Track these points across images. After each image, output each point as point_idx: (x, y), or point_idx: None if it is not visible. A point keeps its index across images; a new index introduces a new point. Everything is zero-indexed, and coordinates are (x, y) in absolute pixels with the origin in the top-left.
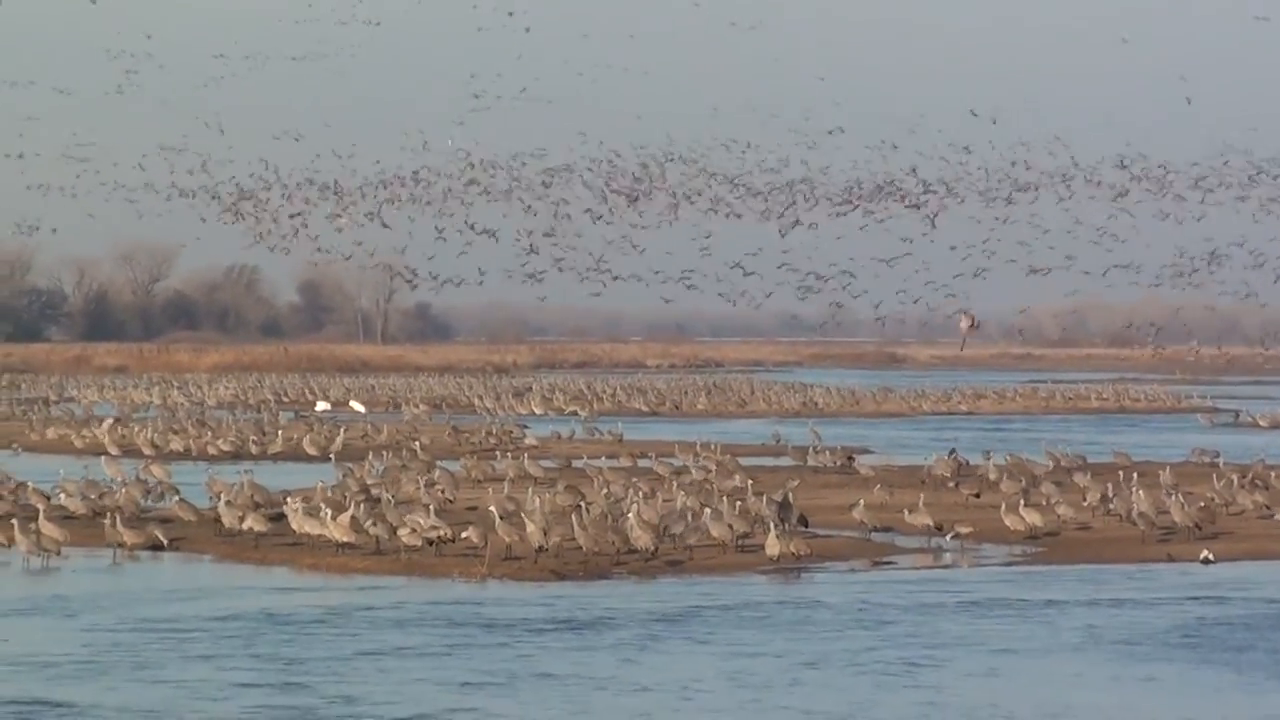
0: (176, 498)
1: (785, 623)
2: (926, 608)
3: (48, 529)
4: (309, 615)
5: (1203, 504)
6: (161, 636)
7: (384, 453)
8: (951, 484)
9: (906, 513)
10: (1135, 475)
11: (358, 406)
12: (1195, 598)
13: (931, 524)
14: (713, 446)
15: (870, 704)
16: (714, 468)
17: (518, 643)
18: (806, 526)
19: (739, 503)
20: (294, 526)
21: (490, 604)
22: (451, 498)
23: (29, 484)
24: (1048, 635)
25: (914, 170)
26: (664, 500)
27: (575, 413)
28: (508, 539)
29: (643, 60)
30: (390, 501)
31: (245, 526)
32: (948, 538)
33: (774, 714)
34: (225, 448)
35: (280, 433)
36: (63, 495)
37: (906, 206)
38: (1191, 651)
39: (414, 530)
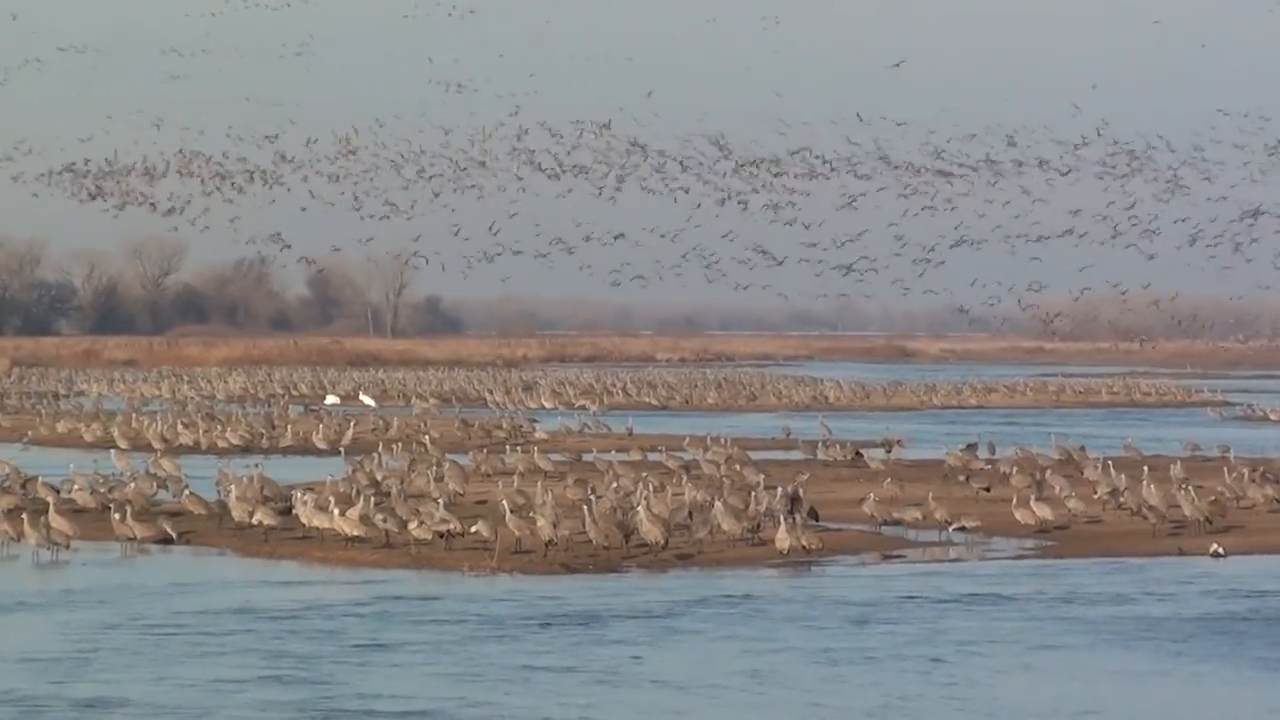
0: (186, 491)
1: (800, 617)
2: (940, 602)
3: (57, 522)
4: (318, 609)
5: (1213, 498)
6: (170, 631)
7: (395, 446)
8: (962, 477)
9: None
10: (1146, 468)
11: (367, 400)
12: (1207, 591)
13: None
14: (723, 440)
15: (905, 700)
16: (724, 462)
17: (528, 636)
18: (817, 520)
19: (764, 493)
20: (303, 520)
21: (500, 598)
22: (461, 491)
23: (38, 478)
24: (1067, 630)
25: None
26: (674, 494)
27: (584, 407)
28: (518, 533)
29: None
30: (400, 495)
31: (255, 520)
32: (952, 529)
33: (807, 711)
34: (235, 441)
35: (290, 426)
36: (73, 489)
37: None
38: (1206, 644)
39: (423, 524)
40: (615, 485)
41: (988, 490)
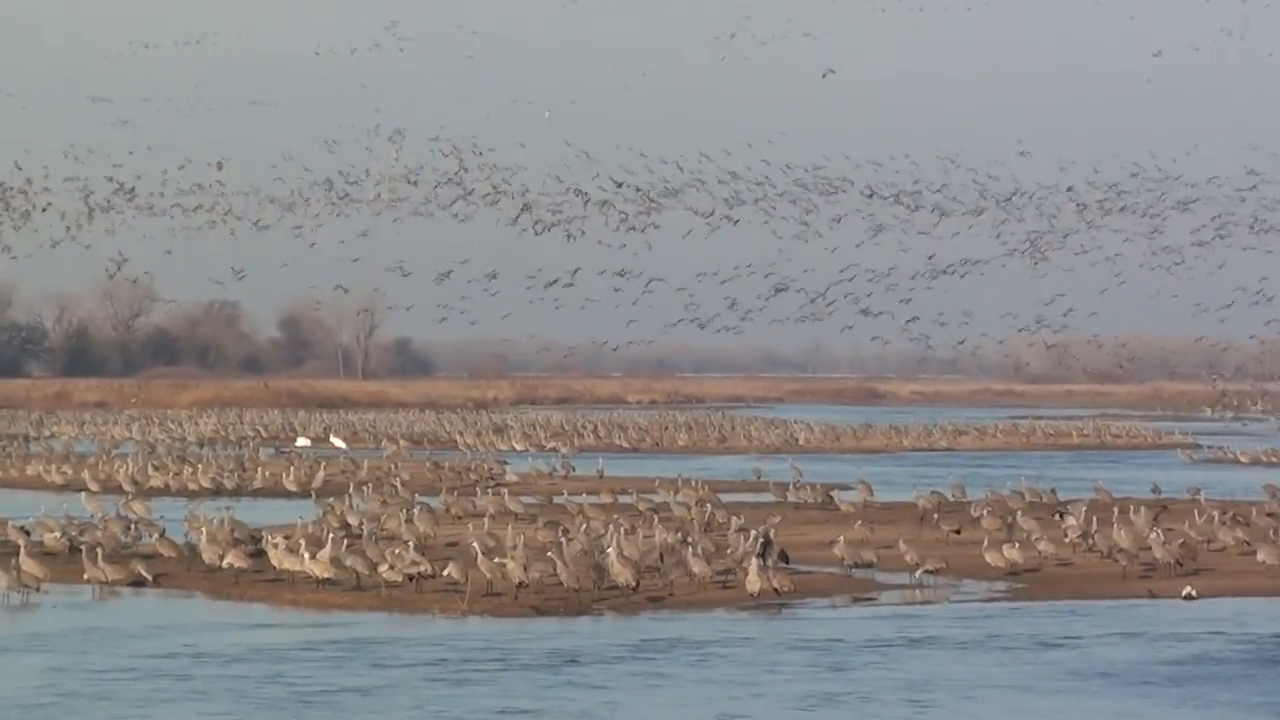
0: (157, 535)
1: (775, 661)
2: (914, 645)
3: (28, 565)
4: (288, 652)
5: (1180, 540)
6: (140, 674)
7: (365, 488)
8: (935, 518)
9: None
10: (1117, 510)
11: (338, 442)
12: (1183, 634)
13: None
14: (694, 483)
15: None
16: (695, 505)
17: (500, 680)
18: (787, 562)
19: (736, 535)
20: (274, 563)
21: (471, 640)
22: (431, 533)
23: (8, 520)
24: (1047, 673)
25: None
26: (645, 536)
27: (555, 449)
28: (489, 575)
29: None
30: (372, 537)
31: (225, 563)
32: (919, 573)
33: None
34: (205, 484)
35: (260, 468)
36: (44, 532)
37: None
38: (1179, 689)
39: (393, 566)
40: (585, 527)
41: (958, 533)
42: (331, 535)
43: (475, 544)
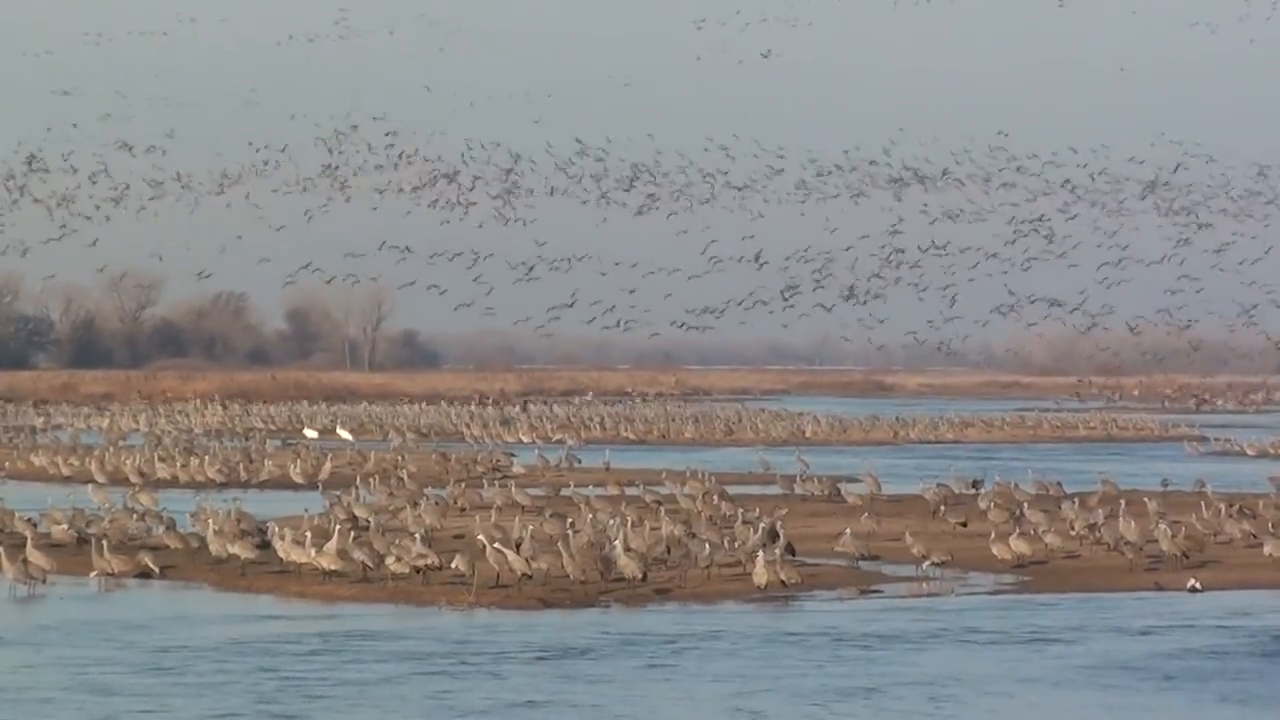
0: (164, 526)
1: (782, 654)
2: (922, 638)
3: (35, 557)
4: (294, 644)
5: (1186, 532)
6: (146, 666)
7: (372, 480)
8: (942, 510)
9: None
10: (1123, 503)
11: (345, 434)
12: (1191, 627)
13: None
14: (701, 475)
15: None
16: (701, 497)
17: (505, 672)
18: (793, 555)
19: (743, 527)
20: (281, 554)
21: (478, 632)
22: (438, 525)
23: (15, 512)
24: (1058, 666)
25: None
26: (651, 528)
27: (562, 441)
28: (497, 567)
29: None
30: (379, 529)
31: (232, 554)
32: (925, 566)
33: None
34: (213, 475)
35: (268, 460)
36: (51, 524)
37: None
38: (1211, 682)
39: (400, 558)
40: (592, 519)
41: (965, 525)
42: (338, 527)
43: (483, 536)
